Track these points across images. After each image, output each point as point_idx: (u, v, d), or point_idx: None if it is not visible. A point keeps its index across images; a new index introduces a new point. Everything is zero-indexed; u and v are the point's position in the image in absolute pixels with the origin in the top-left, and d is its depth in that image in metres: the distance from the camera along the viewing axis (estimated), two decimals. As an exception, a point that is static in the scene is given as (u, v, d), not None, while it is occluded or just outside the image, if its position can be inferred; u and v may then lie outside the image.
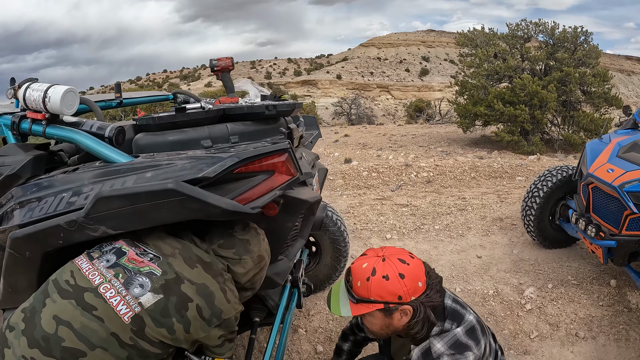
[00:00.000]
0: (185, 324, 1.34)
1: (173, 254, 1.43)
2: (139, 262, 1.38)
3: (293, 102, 1.93)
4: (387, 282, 1.49)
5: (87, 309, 1.26)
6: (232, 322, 1.47)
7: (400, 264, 1.52)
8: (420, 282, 1.53)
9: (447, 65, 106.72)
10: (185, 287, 1.36)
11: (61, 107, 1.62)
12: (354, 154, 10.14)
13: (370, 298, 1.51)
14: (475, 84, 14.61)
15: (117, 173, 1.50)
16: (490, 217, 5.09)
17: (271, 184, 1.51)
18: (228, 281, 1.49)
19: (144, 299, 1.30)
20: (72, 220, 1.38)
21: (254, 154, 1.46)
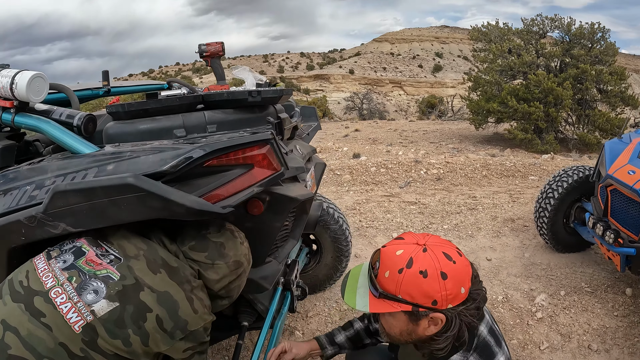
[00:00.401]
0: (142, 336, 1.19)
1: (137, 255, 1.27)
2: (97, 265, 1.23)
3: (281, 89, 1.74)
4: (424, 280, 1.17)
5: (36, 315, 1.14)
6: (200, 334, 1.31)
7: (444, 260, 1.20)
8: (463, 288, 1.22)
9: (460, 62, 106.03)
10: (145, 295, 1.20)
11: (27, 93, 1.50)
12: (363, 149, 9.96)
13: (398, 295, 1.20)
14: (488, 80, 14.32)
15: (79, 165, 1.37)
16: (501, 218, 4.89)
17: (249, 180, 1.33)
18: (197, 289, 1.33)
19: (98, 306, 1.16)
20: (32, 216, 1.28)
21: (227, 145, 1.28)
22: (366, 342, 1.78)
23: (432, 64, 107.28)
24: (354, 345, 1.78)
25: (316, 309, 3.21)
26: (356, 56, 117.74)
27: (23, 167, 1.56)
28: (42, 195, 1.34)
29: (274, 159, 1.41)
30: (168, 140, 1.42)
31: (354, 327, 1.80)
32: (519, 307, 3.14)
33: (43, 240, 1.33)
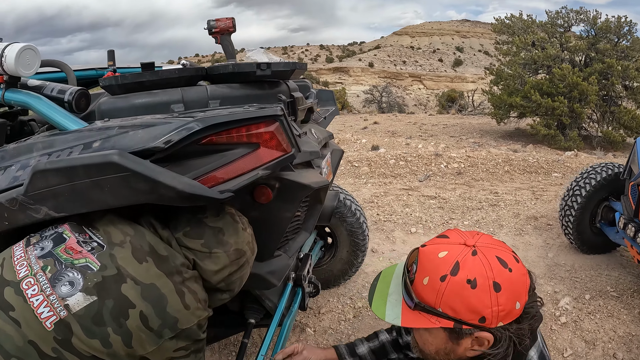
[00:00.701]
0: (124, 336, 1.03)
1: (122, 242, 1.11)
2: (76, 253, 1.07)
3: (293, 62, 1.56)
4: (472, 291, 0.95)
5: (4, 308, 1.01)
6: (193, 332, 1.14)
7: (498, 267, 0.97)
8: (518, 303, 0.98)
9: (481, 57, 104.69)
10: (127, 288, 1.04)
11: (16, 66, 1.39)
12: (382, 142, 9.76)
13: (438, 309, 0.98)
14: (511, 73, 13.91)
15: (65, 142, 1.22)
16: (524, 215, 4.66)
17: (253, 161, 1.15)
18: (190, 281, 1.16)
19: (72, 300, 1.01)
20: (13, 198, 1.15)
21: (228, 120, 1.10)
22: (392, 357, 1.55)
23: (453, 58, 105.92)
24: (377, 358, 1.56)
25: (329, 306, 3.05)
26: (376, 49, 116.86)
27: (9, 146, 1.42)
28: (25, 175, 1.20)
29: (284, 139, 1.23)
30: (162, 115, 1.25)
31: (379, 339, 1.58)
32: (542, 310, 2.91)
33: (29, 226, 1.20)
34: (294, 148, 1.28)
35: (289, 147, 1.25)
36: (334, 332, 2.80)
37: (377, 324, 2.83)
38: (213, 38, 2.01)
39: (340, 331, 2.81)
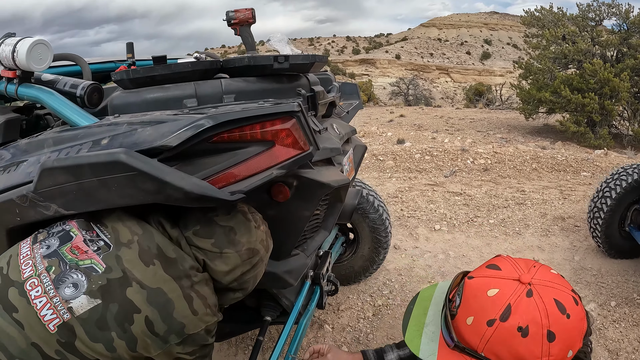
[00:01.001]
0: (129, 341, 1.00)
1: (129, 242, 1.07)
2: (81, 253, 1.04)
3: (313, 55, 1.49)
4: (522, 340, 0.84)
5: (8, 309, 0.99)
6: (201, 337, 1.10)
7: (555, 312, 0.85)
8: (571, 352, 0.88)
9: (509, 50, 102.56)
10: (132, 292, 1.01)
11: (28, 61, 1.36)
12: (407, 135, 9.62)
13: (481, 353, 0.88)
14: (540, 68, 13.50)
15: (74, 139, 1.19)
16: (551, 215, 4.49)
17: (268, 160, 1.08)
18: (199, 284, 1.12)
19: (76, 303, 0.98)
20: (23, 195, 1.13)
21: (241, 116, 1.04)
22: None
23: (481, 51, 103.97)
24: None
25: (349, 302, 2.99)
26: (403, 41, 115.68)
27: (22, 142, 1.42)
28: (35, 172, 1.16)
29: (301, 136, 1.16)
30: (172, 111, 1.20)
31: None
32: None
33: (40, 222, 1.18)
34: (312, 146, 1.21)
35: (306, 145, 1.18)
36: (352, 330, 2.75)
37: (397, 323, 2.77)
38: (232, 29, 1.96)
39: (358, 329, 2.75)
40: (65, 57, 1.76)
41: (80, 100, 1.39)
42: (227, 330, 1.97)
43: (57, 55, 1.64)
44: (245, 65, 1.43)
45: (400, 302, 3.00)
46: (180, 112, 1.10)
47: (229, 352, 2.59)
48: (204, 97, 1.35)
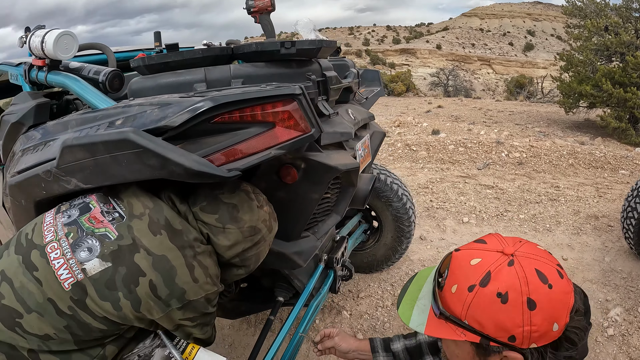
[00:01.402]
0: (133, 302, 1.10)
1: (141, 214, 1.18)
2: (97, 222, 1.16)
3: (320, 40, 1.53)
4: (502, 306, 0.85)
5: (29, 268, 1.12)
6: (200, 304, 1.18)
7: (536, 281, 0.85)
8: (556, 325, 0.86)
9: (553, 42, 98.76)
10: (139, 258, 1.11)
11: (55, 51, 1.51)
12: (443, 126, 9.49)
13: (464, 321, 0.89)
14: (582, 60, 12.93)
15: (94, 120, 1.29)
16: (584, 214, 4.34)
17: (267, 140, 1.14)
18: (202, 255, 1.20)
19: (89, 265, 1.09)
20: (48, 170, 1.26)
21: (239, 99, 1.10)
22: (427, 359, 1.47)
23: (524, 42, 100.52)
24: (410, 359, 1.48)
25: (369, 290, 3.02)
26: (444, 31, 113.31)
27: (50, 123, 1.54)
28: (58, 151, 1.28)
29: (302, 118, 1.21)
30: (179, 94, 1.27)
31: (417, 338, 1.49)
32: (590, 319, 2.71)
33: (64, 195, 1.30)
34: (314, 128, 1.25)
35: (308, 127, 1.23)
36: (369, 318, 2.78)
37: (415, 313, 2.78)
38: (252, 17, 2.01)
39: (375, 317, 2.78)
40: (93, 46, 1.88)
41: (102, 85, 1.51)
42: (243, 309, 2.05)
43: (84, 44, 1.76)
44: (253, 51, 1.49)
45: (421, 292, 2.99)
46: (187, 95, 1.17)
47: (247, 331, 2.68)
48: (213, 81, 1.42)
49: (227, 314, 2.08)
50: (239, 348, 2.57)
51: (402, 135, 8.43)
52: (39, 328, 1.09)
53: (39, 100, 1.67)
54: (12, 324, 1.08)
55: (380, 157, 7.02)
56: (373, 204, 2.91)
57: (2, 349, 1.10)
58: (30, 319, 1.08)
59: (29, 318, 1.08)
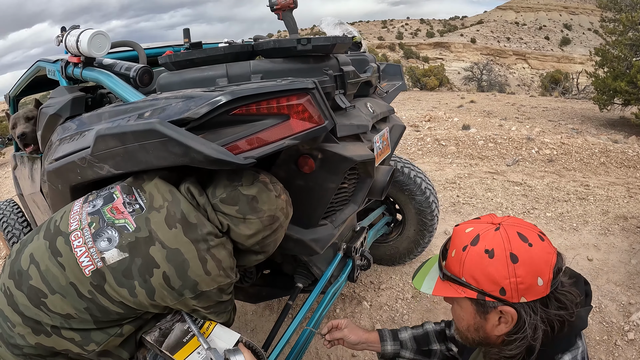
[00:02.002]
0: (148, 290, 1.20)
1: (160, 207, 1.25)
2: (118, 213, 1.25)
3: (335, 37, 1.59)
4: (490, 261, 1.00)
5: (54, 254, 1.22)
6: (213, 294, 1.26)
7: (517, 240, 1.00)
8: (540, 280, 0.99)
9: (590, 36, 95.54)
10: (154, 250, 1.19)
11: (89, 49, 1.65)
12: (474, 121, 9.40)
13: (462, 278, 1.04)
14: (617, 55, 12.45)
15: (125, 112, 1.41)
16: (613, 214, 4.24)
17: (282, 131, 1.22)
18: (215, 248, 1.26)
19: (108, 254, 1.19)
20: (83, 157, 1.38)
21: (255, 92, 1.18)
22: (434, 348, 1.56)
23: (560, 36, 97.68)
24: (418, 347, 1.58)
25: (390, 282, 3.08)
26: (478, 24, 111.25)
27: (85, 115, 1.67)
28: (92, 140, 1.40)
29: (315, 111, 1.29)
30: (202, 88, 1.37)
31: (424, 327, 1.61)
32: (611, 322, 2.69)
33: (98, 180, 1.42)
34: (327, 120, 1.33)
35: (321, 119, 1.31)
36: (389, 309, 2.83)
37: (434, 308, 2.82)
38: (275, 14, 2.08)
39: (395, 309, 2.83)
40: (124, 43, 2.01)
41: (133, 80, 1.63)
42: (264, 294, 2.14)
43: (116, 42, 1.90)
44: (271, 47, 1.57)
45: (441, 287, 3.00)
46: (208, 90, 1.26)
47: (270, 317, 2.77)
48: (234, 76, 1.51)
49: (249, 298, 2.18)
50: (260, 333, 2.67)
51: (432, 130, 8.40)
52: (61, 308, 1.19)
53: (75, 94, 1.81)
54: (37, 302, 1.19)
55: (409, 151, 7.03)
56: (396, 197, 2.95)
57: (28, 323, 1.20)
58: (54, 299, 1.19)
59: (53, 298, 1.19)
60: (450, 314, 2.68)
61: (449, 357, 1.55)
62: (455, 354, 1.51)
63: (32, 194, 2.65)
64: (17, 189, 3.27)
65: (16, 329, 1.21)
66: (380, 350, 1.59)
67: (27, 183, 2.80)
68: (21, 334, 1.21)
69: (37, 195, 2.51)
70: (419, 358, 1.58)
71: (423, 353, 1.57)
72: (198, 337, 1.32)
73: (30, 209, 3.03)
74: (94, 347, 1.26)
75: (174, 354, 1.30)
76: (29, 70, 2.54)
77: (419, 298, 2.91)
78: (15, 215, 3.40)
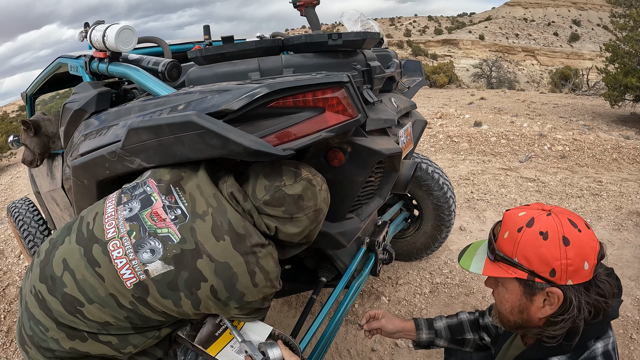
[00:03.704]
0: (194, 301, 1.16)
1: (204, 214, 1.19)
2: (160, 220, 1.18)
3: (364, 32, 1.59)
4: (544, 242, 1.04)
5: (92, 263, 1.16)
6: (257, 303, 1.24)
7: (568, 226, 1.05)
8: (587, 264, 1.03)
9: (600, 32, 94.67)
10: (202, 264, 1.14)
11: (116, 44, 1.63)
12: (485, 118, 9.34)
13: (514, 259, 1.08)
14: (627, 51, 12.32)
15: (156, 106, 1.41)
16: (626, 210, 4.22)
17: (318, 124, 1.22)
18: (264, 259, 1.21)
19: (152, 267, 1.13)
20: (113, 151, 1.37)
21: (292, 85, 1.18)
22: (467, 337, 1.58)
23: (569, 32, 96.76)
24: (452, 336, 1.60)
25: (408, 277, 3.08)
26: (487, 21, 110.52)
27: (112, 110, 1.66)
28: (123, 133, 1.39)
29: (349, 104, 1.29)
30: (237, 82, 1.37)
31: (458, 317, 1.63)
32: (626, 317, 2.68)
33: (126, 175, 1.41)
34: (361, 113, 1.33)
35: (355, 112, 1.31)
36: (407, 304, 2.83)
37: (452, 302, 2.82)
38: (298, 11, 2.09)
39: (413, 304, 2.83)
40: (149, 39, 2.01)
41: (162, 75, 1.62)
42: (287, 289, 2.15)
43: (142, 38, 1.91)
44: (302, 42, 1.57)
45: (459, 281, 3.02)
46: (244, 83, 1.26)
47: (288, 313, 2.78)
48: (266, 70, 1.52)
49: (271, 293, 2.19)
50: (279, 328, 2.64)
51: (444, 126, 8.37)
52: (99, 317, 1.16)
53: (100, 89, 1.80)
54: (73, 310, 1.15)
55: (422, 148, 7.02)
56: (414, 193, 2.95)
57: (62, 328, 1.17)
58: (91, 308, 1.15)
59: (90, 308, 1.15)
60: (468, 309, 2.69)
61: (482, 346, 1.57)
62: (488, 343, 1.53)
63: (52, 190, 2.66)
64: (34, 187, 3.27)
65: (49, 333, 1.18)
66: (415, 338, 1.62)
67: (45, 180, 2.81)
68: (55, 339, 1.18)
69: (57, 192, 2.51)
70: (452, 346, 1.61)
71: (457, 342, 1.59)
72: (231, 330, 1.31)
73: (48, 207, 3.04)
74: (131, 350, 1.24)
75: (207, 347, 1.29)
76: (49, 67, 2.53)
77: (436, 293, 2.92)
78: (31, 213, 3.41)
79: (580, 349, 1.07)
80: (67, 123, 1.83)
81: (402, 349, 2.44)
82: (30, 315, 1.20)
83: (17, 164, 11.99)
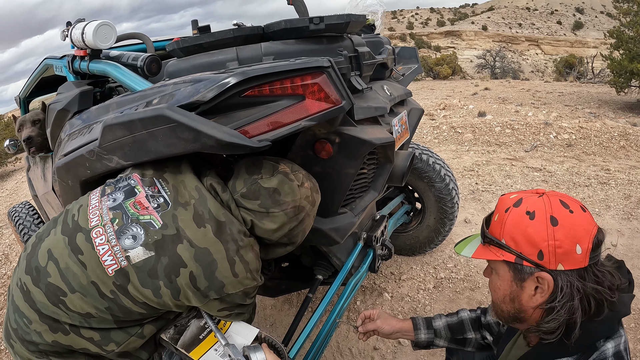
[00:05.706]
0: (173, 291, 1.13)
1: (186, 203, 1.19)
2: (142, 208, 1.18)
3: (348, 14, 1.51)
4: (530, 222, 0.99)
5: (75, 251, 1.16)
6: (238, 297, 1.20)
7: (558, 206, 1.00)
8: (579, 247, 0.96)
9: (603, 19, 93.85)
10: (182, 249, 1.12)
11: (95, 41, 1.61)
12: (490, 108, 9.23)
13: (501, 240, 1.04)
14: (632, 36, 12.11)
15: (133, 101, 1.36)
16: (635, 198, 4.12)
17: (297, 112, 1.15)
18: (244, 249, 1.19)
19: (133, 253, 1.12)
20: (91, 150, 1.33)
21: (265, 72, 1.11)
22: (468, 336, 1.50)
23: (572, 20, 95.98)
24: (452, 335, 1.52)
25: (411, 273, 3.00)
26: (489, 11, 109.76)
27: (93, 108, 1.61)
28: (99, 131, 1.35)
29: (332, 91, 1.21)
30: (211, 72, 1.30)
31: (458, 315, 1.54)
32: (637, 309, 2.58)
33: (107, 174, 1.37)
34: (345, 100, 1.25)
35: (338, 99, 1.23)
36: (410, 300, 2.76)
37: (457, 297, 2.75)
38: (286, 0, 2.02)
39: (417, 300, 2.76)
40: (132, 36, 1.98)
41: (141, 70, 1.57)
42: (283, 287, 2.09)
43: (124, 34, 1.87)
44: (282, 28, 1.49)
45: (464, 276, 2.94)
46: (218, 72, 1.19)
47: (289, 311, 2.72)
48: (245, 59, 1.45)
49: (267, 292, 2.12)
50: (280, 327, 2.62)
51: (447, 118, 8.27)
52: (81, 307, 1.14)
53: (82, 88, 1.76)
54: (56, 300, 1.14)
55: (426, 139, 6.94)
56: (415, 185, 2.88)
57: (45, 320, 1.16)
58: (73, 298, 1.14)
59: (72, 297, 1.14)
60: (473, 304, 2.62)
61: (484, 346, 1.49)
62: (490, 343, 1.45)
63: (46, 193, 2.63)
64: (32, 191, 3.25)
65: (32, 326, 1.17)
66: (414, 339, 1.54)
67: (40, 183, 2.78)
68: (37, 331, 1.17)
69: (50, 194, 2.48)
70: (453, 346, 1.53)
71: (457, 342, 1.51)
72: (215, 333, 1.27)
73: (45, 209, 3.01)
74: (114, 347, 1.21)
75: (190, 351, 1.25)
76: (37, 70, 2.51)
77: (440, 288, 2.84)
78: (31, 217, 3.38)
79: (589, 349, 0.99)
80: (52, 124, 1.80)
81: (405, 347, 2.37)
82: (15, 308, 1.20)
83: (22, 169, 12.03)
